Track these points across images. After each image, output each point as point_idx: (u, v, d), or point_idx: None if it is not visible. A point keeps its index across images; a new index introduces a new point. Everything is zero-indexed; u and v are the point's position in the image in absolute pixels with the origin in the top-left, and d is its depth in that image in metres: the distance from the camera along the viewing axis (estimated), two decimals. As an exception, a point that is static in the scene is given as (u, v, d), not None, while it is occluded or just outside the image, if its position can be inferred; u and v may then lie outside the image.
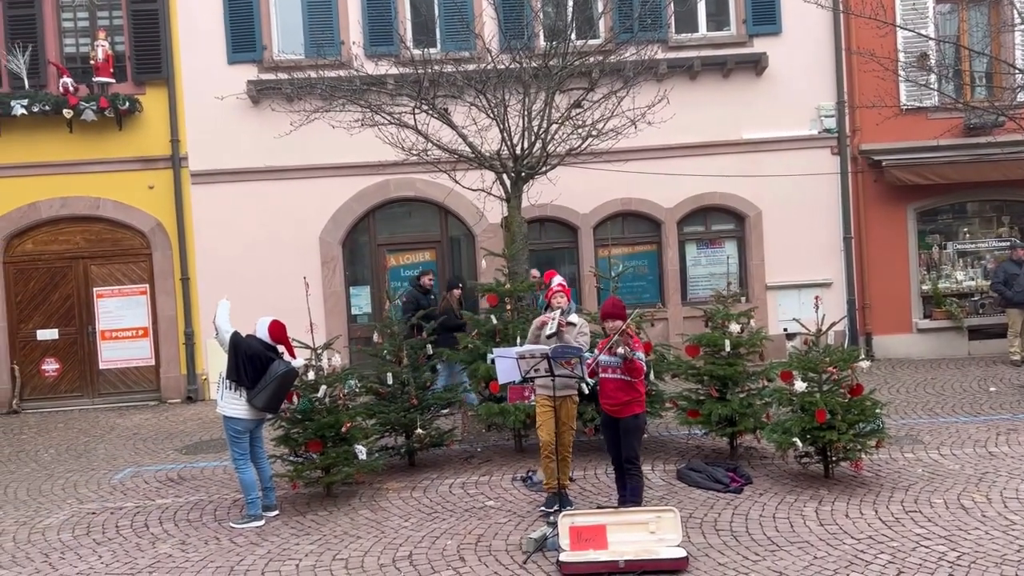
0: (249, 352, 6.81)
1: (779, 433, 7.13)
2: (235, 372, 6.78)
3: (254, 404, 6.81)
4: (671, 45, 12.76)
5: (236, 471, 6.97)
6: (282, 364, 6.89)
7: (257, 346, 6.89)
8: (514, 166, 9.62)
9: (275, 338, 6.98)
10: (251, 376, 6.77)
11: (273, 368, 6.81)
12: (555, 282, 7.01)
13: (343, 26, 12.60)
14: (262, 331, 7.00)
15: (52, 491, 8.11)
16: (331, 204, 12.76)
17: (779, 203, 13.00)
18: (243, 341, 6.88)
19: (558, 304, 6.81)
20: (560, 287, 6.92)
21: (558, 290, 6.88)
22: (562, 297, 6.85)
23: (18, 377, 12.61)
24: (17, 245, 12.72)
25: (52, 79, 12.38)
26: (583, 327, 6.89)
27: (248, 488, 6.86)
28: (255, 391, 6.76)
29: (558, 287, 6.91)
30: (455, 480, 7.72)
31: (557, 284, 6.96)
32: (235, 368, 6.78)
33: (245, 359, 6.78)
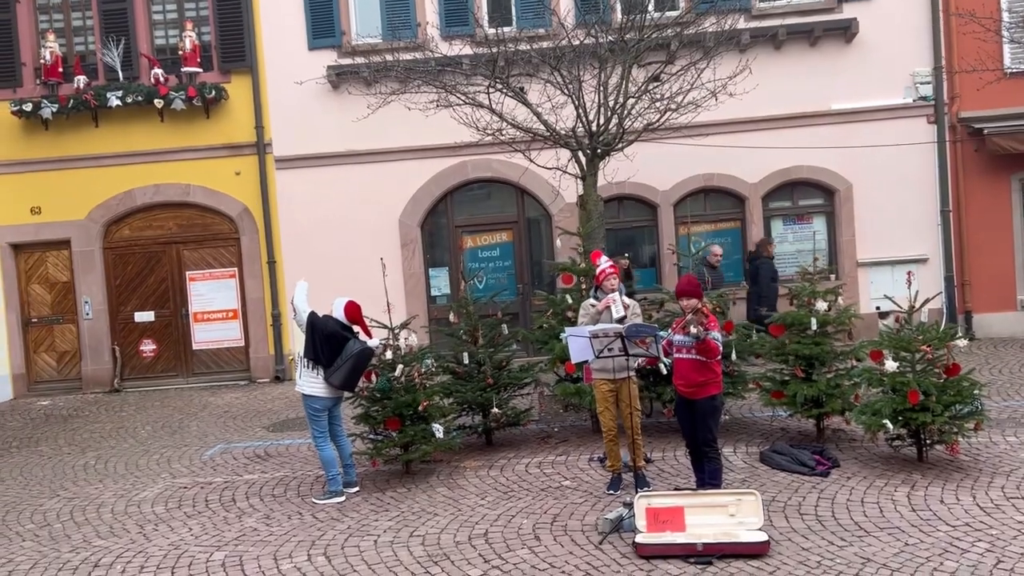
0: (325, 331, 6.93)
1: (868, 415, 6.81)
2: (312, 351, 6.92)
3: (331, 382, 6.94)
4: (754, 14, 12.31)
5: (316, 448, 7.12)
6: (357, 343, 7.00)
7: (333, 326, 7.02)
8: (590, 143, 9.48)
9: (351, 318, 7.10)
10: (327, 355, 6.90)
11: (349, 347, 6.92)
12: (604, 262, 6.79)
13: (419, 8, 12.64)
14: (338, 311, 7.12)
15: (148, 466, 8.48)
16: (410, 186, 12.88)
17: (871, 176, 12.43)
18: (319, 321, 7.02)
19: (611, 287, 6.63)
20: (611, 267, 6.73)
21: (611, 272, 6.68)
22: (615, 279, 6.68)
23: (119, 357, 13.25)
24: (115, 231, 13.32)
25: (144, 71, 12.86)
26: (635, 308, 6.72)
27: (329, 465, 7.00)
28: (332, 369, 6.90)
29: (610, 268, 6.71)
30: (531, 460, 7.70)
31: (609, 265, 6.75)
32: (312, 347, 6.92)
33: (322, 338, 6.91)
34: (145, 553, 6.04)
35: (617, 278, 6.68)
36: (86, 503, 7.30)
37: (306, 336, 7.00)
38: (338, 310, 7.12)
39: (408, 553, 5.71)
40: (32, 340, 13.41)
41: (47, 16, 13.36)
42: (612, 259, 7.11)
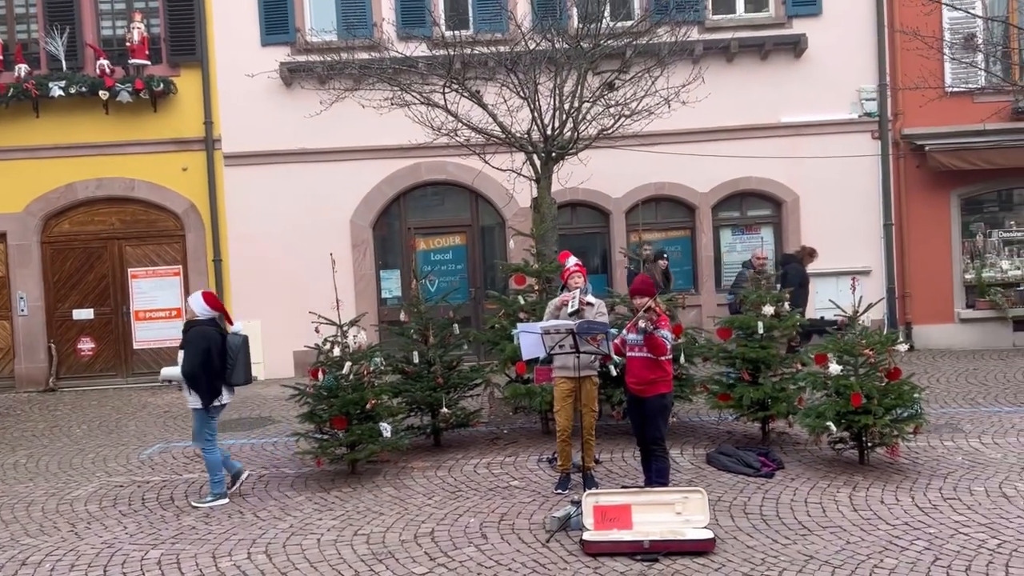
0: (219, 343, 6.75)
1: (813, 417, 6.93)
2: (208, 365, 6.66)
3: (235, 383, 6.88)
4: (707, 26, 12.51)
5: (205, 453, 6.87)
6: (235, 337, 6.90)
7: (213, 332, 6.79)
8: (544, 146, 9.50)
9: (215, 307, 6.90)
10: (223, 362, 6.76)
11: (232, 343, 6.83)
12: (571, 262, 6.94)
13: (376, 7, 12.54)
14: (201, 306, 6.83)
15: (82, 464, 8.19)
16: (362, 187, 12.75)
17: (817, 189, 12.70)
18: (205, 338, 6.71)
19: (576, 284, 6.69)
20: (577, 267, 6.85)
21: (575, 270, 6.81)
22: (579, 277, 6.76)
23: (55, 355, 12.81)
24: (55, 225, 12.91)
25: (89, 61, 12.51)
26: (601, 307, 6.76)
27: (216, 469, 6.79)
28: (230, 371, 6.79)
29: (575, 267, 6.84)
30: (480, 460, 7.64)
31: (574, 264, 6.89)
32: (207, 362, 6.66)
33: (218, 351, 6.72)
34: (76, 551, 5.81)
35: (582, 276, 6.76)
36: (15, 501, 7.01)
37: (199, 354, 6.65)
38: (201, 305, 6.83)
39: (352, 551, 5.59)
40: (-38, 336, 12.92)
41: (-13, 3, 12.93)
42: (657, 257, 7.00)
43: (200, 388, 6.69)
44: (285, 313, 12.20)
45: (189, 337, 6.75)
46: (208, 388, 6.71)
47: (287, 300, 12.18)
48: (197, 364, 6.65)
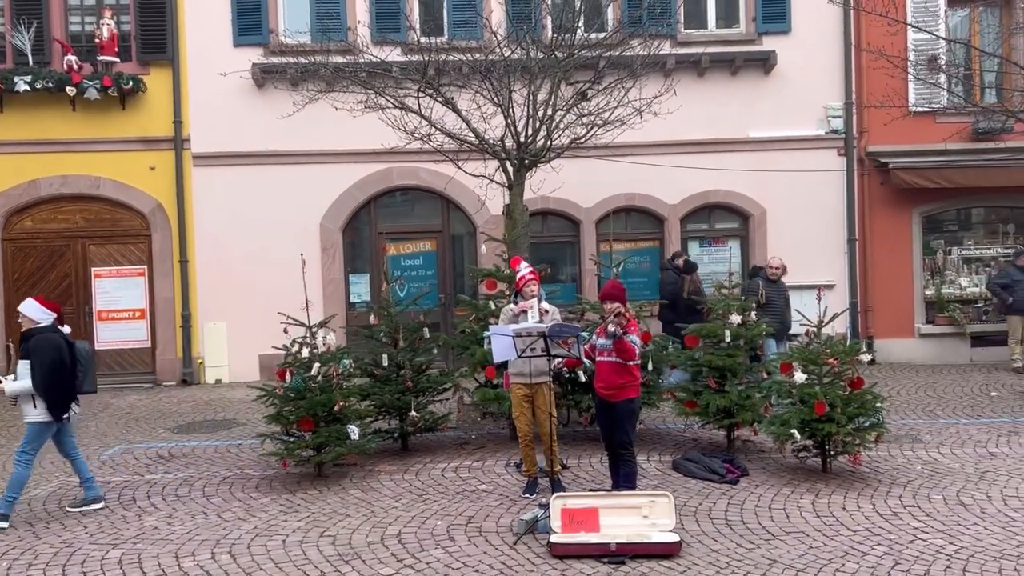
0: (66, 352, 6.39)
1: (777, 425, 7.03)
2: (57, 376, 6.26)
3: (87, 392, 6.69)
4: (679, 40, 12.67)
5: (18, 465, 6.30)
6: (80, 343, 6.67)
7: (59, 339, 6.40)
8: (517, 152, 9.55)
9: (53, 308, 6.53)
10: (73, 370, 6.47)
11: (81, 350, 6.60)
12: (525, 269, 6.81)
13: (350, 11, 12.52)
14: (41, 311, 6.41)
15: (40, 465, 7.95)
16: (333, 190, 12.69)
17: (784, 203, 12.90)
18: (54, 347, 6.29)
19: (531, 293, 6.65)
20: (532, 274, 6.75)
21: (531, 278, 6.69)
22: (535, 284, 6.71)
23: (13, 355, 12.52)
24: (16, 222, 12.65)
25: (56, 57, 12.31)
26: (556, 313, 6.78)
27: (18, 487, 6.30)
28: (80, 380, 6.55)
29: (530, 274, 6.73)
30: (448, 464, 7.63)
31: (528, 271, 6.76)
32: (57, 372, 6.26)
33: (67, 360, 6.38)
34: (34, 551, 5.69)
35: (537, 284, 6.70)
36: (-31, 501, 6.83)
37: (50, 363, 6.21)
38: (38, 310, 6.40)
39: (318, 552, 5.55)
40: (-83, 334, 12.58)
41: (-48, -6, 12.69)
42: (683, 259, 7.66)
43: (51, 399, 6.25)
44: (251, 316, 12.11)
45: (34, 345, 6.24)
46: (59, 399, 6.29)
47: (254, 303, 12.08)
48: (48, 374, 6.18)
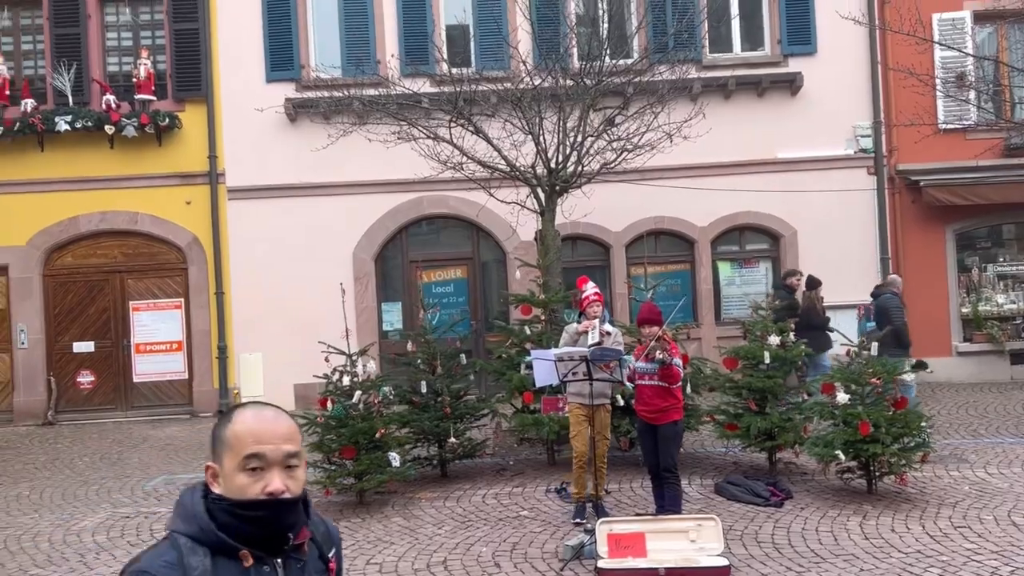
0: None
1: (820, 446, 6.97)
2: None
3: None
4: (705, 64, 12.75)
5: None
6: None
7: None
8: (548, 179, 9.63)
9: None
10: None
11: None
12: (590, 289, 6.85)
13: (380, 45, 12.77)
14: None
15: (87, 496, 8.13)
16: (365, 220, 12.85)
17: (815, 223, 12.86)
18: None
19: (594, 314, 6.70)
20: (596, 295, 6.82)
21: (595, 299, 6.77)
22: (598, 306, 6.76)
23: (54, 389, 12.74)
24: (57, 258, 12.93)
25: (95, 96, 12.65)
26: (618, 336, 6.80)
27: None
28: None
29: (594, 295, 6.80)
30: (488, 491, 7.63)
31: (593, 292, 6.83)
32: None
33: None
34: (86, 581, 5.77)
35: (600, 305, 6.73)
36: (20, 532, 6.95)
37: None
38: None
39: (366, 580, 5.57)
40: (-39, 369, 12.85)
41: (-5, 39, 13.13)
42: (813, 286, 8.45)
43: None
44: (286, 346, 12.26)
45: None
46: None
47: (288, 333, 12.25)
48: None
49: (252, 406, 1.84)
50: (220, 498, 1.74)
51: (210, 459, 1.80)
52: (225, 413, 1.85)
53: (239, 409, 1.83)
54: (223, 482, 1.75)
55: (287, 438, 1.77)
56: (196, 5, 12.70)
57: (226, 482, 1.74)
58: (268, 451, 1.73)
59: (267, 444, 1.74)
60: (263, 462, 1.73)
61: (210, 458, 1.80)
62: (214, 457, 1.78)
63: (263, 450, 1.73)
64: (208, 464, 1.79)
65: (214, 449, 1.79)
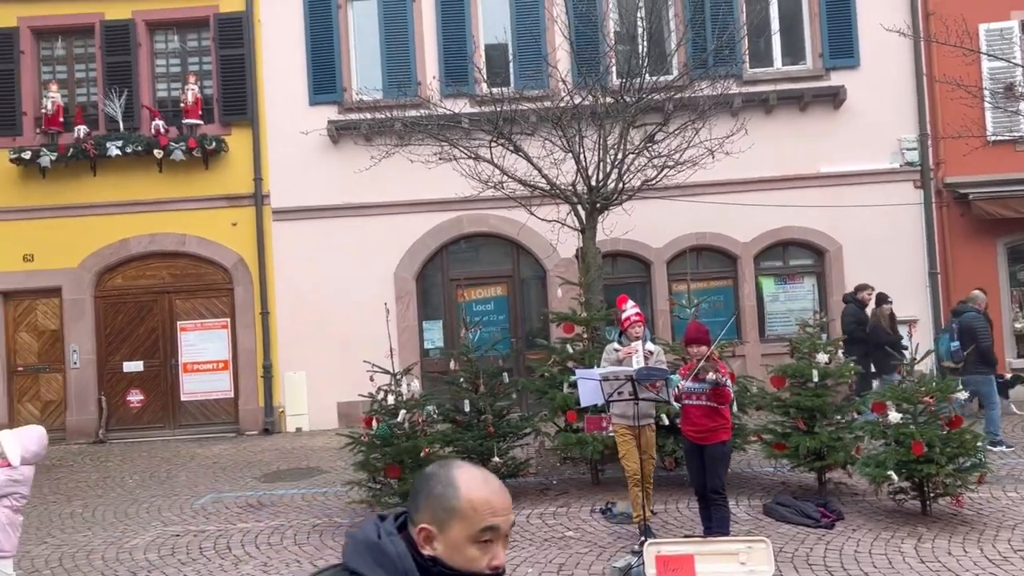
0: None
1: (872, 467, 6.83)
2: None
3: None
4: (746, 80, 12.67)
5: None
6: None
7: None
8: (589, 197, 9.63)
9: None
10: None
11: None
12: (632, 310, 6.79)
13: (420, 66, 12.92)
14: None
15: (137, 514, 8.27)
16: (406, 240, 12.96)
17: (860, 238, 12.66)
18: None
19: (636, 334, 6.64)
20: (637, 316, 6.76)
21: (636, 319, 6.71)
22: (640, 327, 6.70)
23: (105, 407, 13.02)
24: (108, 280, 13.24)
25: (145, 122, 12.98)
26: (660, 355, 6.75)
27: None
28: None
29: (635, 316, 6.74)
30: (532, 511, 7.60)
31: (635, 313, 6.77)
32: None
33: None
34: (139, 599, 5.86)
35: (642, 326, 6.67)
36: (75, 550, 7.10)
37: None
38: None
39: (412, 600, 5.56)
40: (17, 389, 13.19)
41: (50, 67, 13.54)
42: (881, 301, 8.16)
43: None
44: (329, 365, 12.42)
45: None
46: None
47: (331, 352, 12.41)
48: None
49: (467, 468, 1.74)
50: (436, 562, 1.66)
51: (419, 518, 1.69)
52: (435, 473, 1.74)
53: (457, 472, 1.72)
54: (444, 549, 1.66)
55: (510, 508, 1.71)
56: (242, 31, 13.01)
57: (451, 551, 1.65)
58: (502, 523, 1.68)
59: (501, 516, 1.68)
60: (495, 535, 1.67)
61: (417, 516, 1.69)
62: (431, 520, 1.67)
63: (498, 523, 1.67)
64: (424, 526, 1.67)
65: (432, 512, 1.67)
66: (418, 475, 1.79)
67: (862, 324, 10.56)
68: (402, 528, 1.72)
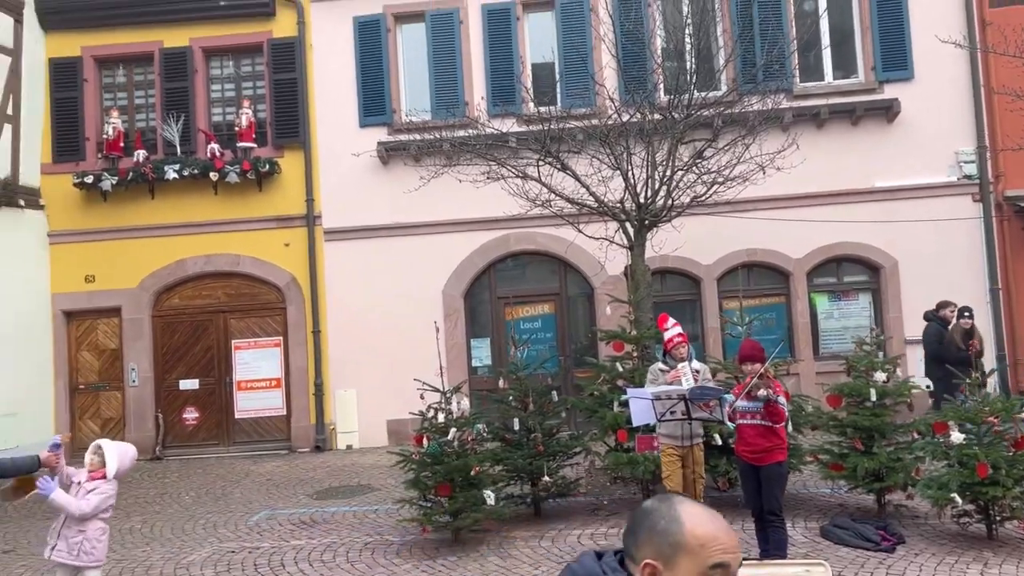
0: None
1: (934, 489, 6.62)
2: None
3: None
4: (796, 94, 12.52)
5: None
6: None
7: None
8: (637, 214, 9.60)
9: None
10: None
11: None
12: (674, 330, 6.69)
13: (468, 87, 13.05)
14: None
15: (194, 530, 8.42)
16: (454, 258, 13.05)
17: (917, 253, 12.37)
18: None
19: (681, 355, 6.55)
20: (680, 336, 6.67)
21: (679, 340, 6.62)
22: (684, 347, 6.62)
23: (162, 425, 13.31)
24: (165, 300, 13.58)
25: (201, 145, 13.33)
26: (706, 372, 6.67)
27: None
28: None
29: (679, 337, 6.64)
30: (583, 531, 7.54)
31: (677, 333, 6.67)
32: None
33: None
34: (196, 614, 5.94)
35: (686, 346, 6.60)
36: (135, 565, 7.24)
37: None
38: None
39: (464, 620, 5.56)
40: (79, 406, 13.56)
41: (112, 94, 14.01)
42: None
43: None
44: (379, 382, 12.55)
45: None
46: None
47: (381, 370, 12.54)
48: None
49: (689, 503, 1.72)
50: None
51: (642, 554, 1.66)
52: (655, 508, 1.72)
53: (680, 507, 1.70)
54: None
55: (739, 547, 1.68)
56: (294, 56, 13.31)
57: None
58: (731, 561, 1.65)
59: (731, 554, 1.65)
60: (725, 573, 1.63)
61: (638, 552, 1.67)
62: (656, 555, 1.65)
63: (728, 560, 1.64)
64: (648, 562, 1.65)
65: (656, 547, 1.66)
66: (636, 511, 1.77)
67: (941, 343, 10.27)
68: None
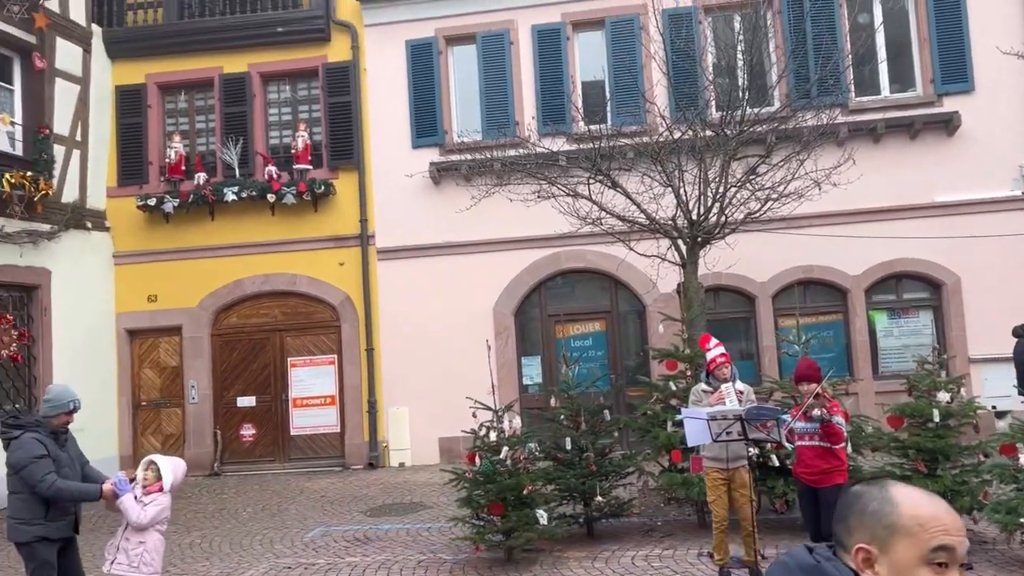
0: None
1: (1003, 513, 6.39)
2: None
3: None
4: (851, 108, 12.33)
5: None
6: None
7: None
8: (690, 231, 9.53)
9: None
10: None
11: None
12: (716, 351, 6.56)
13: (518, 107, 13.16)
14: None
15: (251, 546, 8.56)
16: (505, 277, 13.11)
17: (980, 269, 12.02)
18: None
19: (724, 376, 6.45)
20: (723, 356, 6.54)
21: (722, 361, 6.49)
22: (727, 367, 6.51)
23: (220, 441, 13.59)
24: (224, 319, 13.91)
25: (259, 168, 13.67)
26: (750, 393, 6.56)
27: None
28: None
29: (721, 357, 6.51)
30: (636, 552, 7.46)
31: (719, 354, 6.54)
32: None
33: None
34: (254, 629, 6.03)
35: (729, 366, 6.50)
36: (194, 579, 7.40)
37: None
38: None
39: (518, 640, 5.54)
40: (140, 423, 13.94)
41: (174, 120, 14.47)
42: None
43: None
44: (431, 400, 12.64)
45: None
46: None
47: (433, 388, 12.63)
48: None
49: (903, 485, 1.65)
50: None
51: (853, 539, 1.60)
52: (866, 491, 1.67)
53: (893, 488, 1.63)
54: (889, 572, 1.56)
55: (964, 529, 1.58)
56: (348, 80, 13.59)
57: (897, 572, 1.56)
58: (957, 544, 1.55)
59: (956, 537, 1.56)
60: (950, 557, 1.54)
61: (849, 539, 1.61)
62: (870, 539, 1.58)
63: (953, 543, 1.55)
64: (862, 546, 1.59)
65: (869, 531, 1.59)
66: (846, 496, 1.70)
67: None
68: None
